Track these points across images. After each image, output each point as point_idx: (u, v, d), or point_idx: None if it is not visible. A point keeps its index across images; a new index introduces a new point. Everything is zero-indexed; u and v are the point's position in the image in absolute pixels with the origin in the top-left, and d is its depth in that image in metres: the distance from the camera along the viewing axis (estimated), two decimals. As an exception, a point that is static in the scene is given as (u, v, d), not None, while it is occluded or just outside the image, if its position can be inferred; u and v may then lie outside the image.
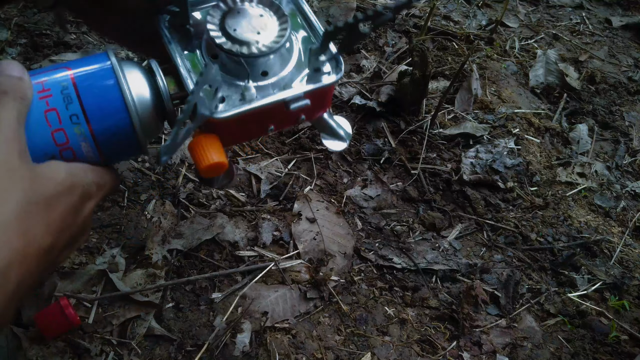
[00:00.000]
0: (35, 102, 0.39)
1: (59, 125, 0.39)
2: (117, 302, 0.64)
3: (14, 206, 0.34)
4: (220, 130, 0.43)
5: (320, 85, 0.44)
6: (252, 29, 0.44)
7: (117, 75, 0.40)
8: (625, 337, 0.67)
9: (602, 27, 1.32)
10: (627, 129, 1.01)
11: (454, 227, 0.77)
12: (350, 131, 0.54)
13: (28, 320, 0.61)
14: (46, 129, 0.39)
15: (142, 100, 0.42)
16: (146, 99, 0.42)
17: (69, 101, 0.39)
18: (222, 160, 0.42)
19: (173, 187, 0.78)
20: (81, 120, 0.39)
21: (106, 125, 0.40)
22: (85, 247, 0.69)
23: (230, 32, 0.44)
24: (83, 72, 0.41)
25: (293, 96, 0.43)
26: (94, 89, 0.40)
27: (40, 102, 0.39)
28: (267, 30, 0.44)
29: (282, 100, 0.43)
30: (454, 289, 0.70)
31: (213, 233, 0.71)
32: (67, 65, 0.42)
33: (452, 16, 1.25)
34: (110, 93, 0.40)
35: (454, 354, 0.63)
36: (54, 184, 0.37)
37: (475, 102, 0.99)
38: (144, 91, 0.42)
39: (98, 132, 0.40)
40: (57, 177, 0.38)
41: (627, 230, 0.82)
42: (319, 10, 1.12)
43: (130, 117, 0.40)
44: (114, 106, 0.40)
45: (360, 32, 0.43)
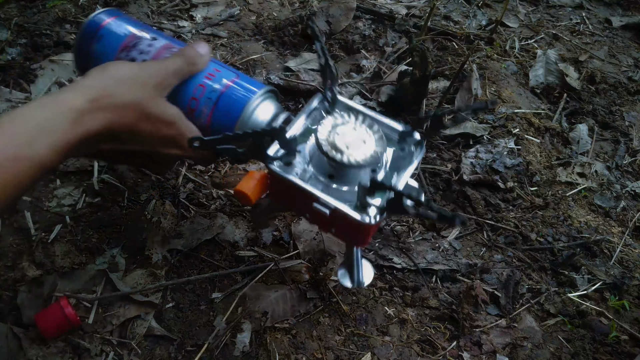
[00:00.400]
0: (200, 75, 0.58)
1: (198, 97, 0.58)
2: (117, 302, 0.64)
3: (129, 96, 0.51)
4: (271, 179, 0.55)
5: (341, 210, 0.50)
6: (351, 143, 0.53)
7: (247, 107, 0.57)
8: (625, 337, 0.67)
9: (602, 27, 1.32)
10: (627, 129, 1.01)
11: (454, 227, 0.77)
12: (367, 282, 0.59)
13: (28, 320, 0.61)
14: (190, 92, 0.57)
15: (244, 124, 0.58)
16: (246, 129, 0.56)
17: (213, 90, 0.57)
18: (248, 193, 0.54)
19: (173, 187, 0.78)
20: (210, 105, 0.57)
21: (219, 120, 0.58)
22: (85, 247, 0.69)
23: (334, 139, 0.53)
24: (237, 86, 0.58)
25: (320, 197, 0.51)
26: (231, 100, 0.57)
27: (202, 77, 0.58)
28: (360, 149, 0.52)
29: (310, 193, 0.51)
30: (454, 289, 0.70)
31: (213, 233, 0.71)
32: (237, 74, 0.60)
33: (452, 16, 1.25)
34: (235, 110, 0.57)
35: (454, 354, 0.63)
36: (162, 109, 0.53)
37: (475, 102, 0.99)
38: (253, 121, 0.58)
39: (214, 117, 0.58)
40: (168, 110, 0.54)
41: (627, 230, 0.82)
42: (319, 10, 1.12)
43: (235, 127, 0.58)
44: (230, 118, 0.58)
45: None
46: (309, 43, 1.09)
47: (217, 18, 1.14)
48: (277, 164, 0.54)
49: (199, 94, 0.57)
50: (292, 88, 0.96)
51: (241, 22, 1.15)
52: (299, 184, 0.52)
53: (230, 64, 1.02)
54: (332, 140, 0.52)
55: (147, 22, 1.10)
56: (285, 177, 0.52)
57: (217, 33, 1.10)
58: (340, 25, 1.12)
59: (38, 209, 0.73)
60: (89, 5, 1.09)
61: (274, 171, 0.53)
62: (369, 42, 1.10)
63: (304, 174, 0.54)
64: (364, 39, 1.10)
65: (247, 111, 0.57)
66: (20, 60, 0.95)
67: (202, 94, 0.57)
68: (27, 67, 0.94)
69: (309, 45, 1.09)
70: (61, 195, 0.76)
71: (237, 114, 0.57)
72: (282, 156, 0.54)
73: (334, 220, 0.52)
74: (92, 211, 0.74)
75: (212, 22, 1.13)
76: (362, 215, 0.50)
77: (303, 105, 0.58)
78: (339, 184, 0.54)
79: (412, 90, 0.87)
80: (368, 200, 0.50)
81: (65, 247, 0.69)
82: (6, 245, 0.68)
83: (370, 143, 0.53)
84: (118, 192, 0.77)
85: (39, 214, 0.73)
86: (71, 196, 0.75)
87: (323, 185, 0.54)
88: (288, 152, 0.54)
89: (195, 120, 0.58)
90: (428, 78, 0.85)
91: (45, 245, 0.69)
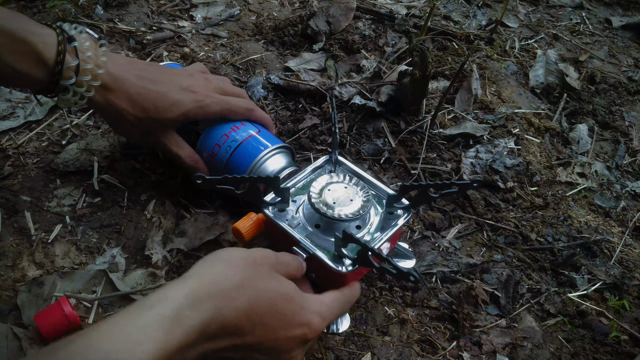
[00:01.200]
0: (227, 126, 0.71)
1: (221, 144, 0.70)
2: (117, 302, 0.64)
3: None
4: (265, 222, 0.62)
5: (318, 256, 0.57)
6: (341, 201, 0.60)
7: (258, 158, 0.68)
8: (625, 337, 0.67)
9: (602, 27, 1.32)
10: (627, 129, 1.01)
11: (453, 226, 0.77)
12: (342, 329, 0.62)
13: (28, 320, 0.61)
14: (215, 139, 0.70)
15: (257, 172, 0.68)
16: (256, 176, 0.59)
17: (234, 140, 0.69)
18: (242, 231, 0.61)
19: (173, 187, 0.78)
20: (229, 152, 0.69)
21: (233, 166, 0.69)
22: (85, 247, 0.69)
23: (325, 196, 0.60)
24: (253, 140, 0.69)
25: (301, 241, 0.58)
26: (245, 151, 0.68)
27: (228, 128, 0.71)
28: (346, 206, 0.59)
29: (293, 236, 0.58)
30: (454, 289, 0.70)
31: (216, 233, 0.71)
32: (260, 129, 0.72)
33: (452, 16, 1.25)
34: (248, 159, 0.68)
35: (454, 354, 0.63)
36: (277, 284, 0.50)
37: (475, 102, 0.99)
38: (262, 170, 0.68)
39: (230, 161, 0.69)
40: (283, 284, 0.51)
41: (627, 230, 0.82)
42: (319, 10, 1.12)
43: (246, 174, 0.67)
44: (242, 165, 0.68)
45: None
46: (309, 43, 1.10)
47: (217, 18, 1.14)
48: (271, 209, 0.61)
49: (222, 141, 0.69)
50: (292, 88, 0.96)
51: (241, 22, 1.15)
52: (284, 228, 0.59)
53: (230, 64, 1.02)
54: (323, 195, 0.60)
55: (147, 22, 1.10)
56: (273, 221, 0.60)
57: (217, 33, 1.10)
58: (340, 25, 1.12)
59: (38, 209, 0.73)
60: (89, 5, 1.10)
61: (266, 215, 0.61)
62: (369, 42, 1.10)
63: (292, 221, 0.61)
64: (364, 39, 1.10)
65: (257, 161, 0.67)
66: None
67: (225, 142, 0.69)
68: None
69: (309, 45, 1.09)
70: (61, 195, 0.76)
71: (249, 162, 0.67)
72: (277, 203, 0.62)
73: (313, 265, 0.58)
74: (92, 211, 0.74)
75: (212, 22, 1.13)
76: (336, 264, 0.56)
77: (307, 166, 0.69)
78: (324, 234, 0.60)
79: (412, 90, 0.87)
80: (344, 251, 0.55)
81: (65, 247, 0.69)
82: (6, 245, 0.68)
83: (357, 202, 0.60)
84: (118, 192, 0.77)
85: (39, 214, 0.73)
86: (71, 196, 0.75)
87: (308, 233, 0.60)
88: (282, 199, 0.61)
89: (216, 163, 0.70)
90: (428, 78, 0.85)
91: (45, 245, 0.69)
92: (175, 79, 0.68)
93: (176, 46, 1.05)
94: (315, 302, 0.52)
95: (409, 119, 0.92)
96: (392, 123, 0.92)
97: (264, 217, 0.62)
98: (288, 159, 0.71)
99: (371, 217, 0.62)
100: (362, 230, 0.61)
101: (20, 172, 0.78)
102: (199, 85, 0.70)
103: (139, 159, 0.81)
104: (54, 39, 0.59)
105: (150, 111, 0.66)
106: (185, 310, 0.40)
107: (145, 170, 0.80)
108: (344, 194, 0.60)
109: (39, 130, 0.85)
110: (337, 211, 0.58)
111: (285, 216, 0.61)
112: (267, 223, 0.62)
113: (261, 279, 0.48)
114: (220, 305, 0.43)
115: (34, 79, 0.59)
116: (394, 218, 0.62)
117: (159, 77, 0.68)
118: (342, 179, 0.62)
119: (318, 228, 0.60)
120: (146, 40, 1.03)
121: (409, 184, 0.59)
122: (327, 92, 0.95)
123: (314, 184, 0.61)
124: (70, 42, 0.60)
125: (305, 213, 0.62)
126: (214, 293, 0.43)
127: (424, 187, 0.58)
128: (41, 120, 0.86)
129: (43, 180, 0.77)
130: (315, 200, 0.59)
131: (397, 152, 0.87)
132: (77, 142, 0.83)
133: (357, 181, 0.63)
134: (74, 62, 0.60)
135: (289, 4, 1.24)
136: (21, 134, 0.84)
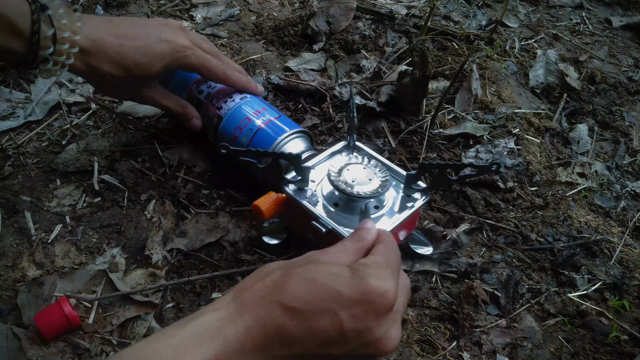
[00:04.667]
0: (250, 110, 0.74)
1: (242, 127, 0.73)
2: (117, 302, 0.64)
3: None
4: (285, 200, 0.64)
5: (336, 231, 0.59)
6: (359, 180, 0.62)
7: (277, 141, 0.70)
8: (625, 337, 0.67)
9: (602, 27, 1.32)
10: (627, 129, 1.01)
11: (459, 225, 0.77)
12: None
13: (28, 320, 0.61)
14: (237, 122, 0.73)
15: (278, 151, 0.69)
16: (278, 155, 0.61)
17: (255, 124, 0.72)
18: (263, 209, 0.62)
19: (173, 187, 0.78)
20: (250, 135, 0.72)
21: (253, 147, 0.64)
22: (85, 247, 0.69)
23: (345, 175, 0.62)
24: (273, 125, 0.72)
25: (320, 217, 0.60)
26: (266, 134, 0.71)
27: (250, 112, 0.74)
28: (364, 185, 0.61)
29: (312, 212, 0.60)
30: (454, 289, 0.70)
31: (217, 236, 0.71)
32: (280, 114, 0.75)
33: (452, 16, 1.25)
34: (267, 142, 0.71)
35: (454, 354, 0.63)
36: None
37: (475, 102, 0.99)
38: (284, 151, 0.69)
39: (250, 145, 0.72)
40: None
41: (627, 230, 0.82)
42: (319, 10, 1.12)
43: (270, 151, 0.66)
44: (262, 148, 0.66)
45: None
46: (309, 43, 1.10)
47: (217, 18, 1.14)
48: (292, 187, 0.63)
49: (244, 125, 0.72)
50: (292, 88, 0.96)
51: (241, 22, 1.15)
52: (304, 204, 0.61)
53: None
54: (342, 174, 0.62)
55: (147, 22, 1.10)
56: (293, 197, 0.62)
57: (217, 33, 1.10)
58: (340, 25, 1.12)
59: (38, 209, 0.73)
60: (89, 5, 1.10)
61: (286, 192, 0.63)
62: (369, 42, 1.10)
63: (312, 199, 0.63)
64: (364, 39, 1.10)
65: (277, 145, 0.70)
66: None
67: (246, 125, 0.72)
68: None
69: (309, 45, 1.09)
70: (61, 195, 0.76)
71: (268, 145, 0.70)
72: (297, 182, 0.63)
73: (331, 241, 0.57)
74: (92, 211, 0.74)
75: (212, 22, 1.13)
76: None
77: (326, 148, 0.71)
78: (342, 212, 0.62)
79: (412, 90, 0.87)
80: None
81: (65, 247, 0.69)
82: (6, 245, 0.68)
83: (375, 181, 0.61)
84: (118, 192, 0.77)
85: (39, 214, 0.73)
86: (71, 196, 0.75)
87: (327, 211, 0.62)
88: (302, 178, 0.63)
89: (237, 145, 0.72)
90: (428, 78, 0.85)
91: (45, 245, 0.69)
92: (153, 32, 0.69)
93: (176, 46, 1.04)
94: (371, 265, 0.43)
95: (409, 119, 0.92)
96: (392, 123, 0.92)
97: (283, 197, 0.64)
98: (307, 143, 0.73)
99: (389, 199, 0.64)
100: (380, 210, 0.63)
101: (20, 172, 0.78)
102: (177, 35, 0.71)
103: (139, 159, 0.81)
104: (27, 9, 0.57)
105: (132, 69, 0.67)
106: (228, 325, 0.38)
107: (145, 170, 0.80)
108: (362, 174, 0.62)
109: (39, 130, 0.85)
110: (356, 189, 0.60)
111: (304, 194, 0.63)
112: (286, 202, 0.64)
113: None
114: (261, 313, 0.38)
115: (12, 51, 0.58)
116: (411, 200, 0.64)
117: (136, 32, 0.68)
118: (361, 161, 0.64)
119: (337, 207, 0.63)
120: (146, 40, 1.03)
121: (427, 163, 0.60)
122: (327, 91, 0.95)
123: (333, 164, 0.63)
124: (44, 11, 0.59)
125: (324, 193, 0.64)
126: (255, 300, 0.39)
127: (442, 167, 0.58)
128: (41, 120, 0.86)
129: (43, 180, 0.77)
130: (334, 179, 0.61)
131: (397, 152, 0.87)
132: (77, 142, 0.83)
133: (376, 163, 0.64)
134: (50, 31, 0.59)
135: (289, 4, 1.24)
136: (21, 134, 0.84)
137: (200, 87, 0.79)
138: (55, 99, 0.89)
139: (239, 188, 0.78)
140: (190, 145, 0.83)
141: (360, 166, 0.63)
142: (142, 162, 0.81)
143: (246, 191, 0.78)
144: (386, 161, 0.68)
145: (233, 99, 0.76)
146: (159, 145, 0.83)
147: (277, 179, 0.63)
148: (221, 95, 0.77)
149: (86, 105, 0.90)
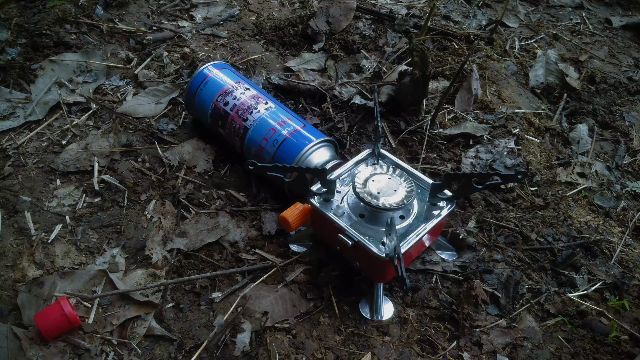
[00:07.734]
0: (274, 121, 0.75)
1: (268, 138, 0.73)
2: (117, 302, 0.64)
3: None
4: (311, 211, 0.65)
5: (363, 243, 0.58)
6: (384, 192, 0.61)
7: (303, 151, 0.71)
8: (625, 337, 0.67)
9: (602, 27, 1.32)
10: (627, 129, 1.01)
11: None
12: (385, 317, 0.65)
13: (28, 320, 0.61)
14: (263, 133, 0.74)
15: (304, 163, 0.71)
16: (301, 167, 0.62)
17: (280, 135, 0.73)
18: (288, 219, 0.65)
19: (173, 187, 0.78)
20: (276, 145, 0.73)
21: (280, 158, 0.71)
22: (85, 247, 0.69)
23: (370, 186, 0.62)
24: (298, 134, 0.73)
25: (346, 229, 0.60)
26: (291, 144, 0.72)
27: (275, 123, 0.75)
28: (390, 196, 0.61)
29: (338, 225, 0.60)
30: (454, 289, 0.70)
31: (217, 236, 0.71)
32: (305, 124, 0.76)
33: (452, 16, 1.25)
34: (293, 153, 0.72)
35: (454, 354, 0.63)
36: None
37: (475, 102, 0.99)
38: (307, 163, 0.71)
39: (277, 155, 0.73)
40: None
41: (627, 230, 0.82)
42: (319, 10, 1.12)
43: (294, 165, 0.65)
44: (288, 158, 0.71)
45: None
46: (309, 43, 1.09)
47: (217, 18, 1.14)
48: (317, 199, 0.64)
49: (269, 135, 0.73)
50: (292, 88, 0.96)
51: (241, 22, 1.15)
52: (330, 216, 0.61)
53: (230, 64, 1.02)
54: (367, 185, 0.61)
55: (147, 22, 1.10)
56: (319, 210, 0.62)
57: (217, 33, 1.10)
58: (340, 25, 1.12)
59: (38, 209, 0.73)
60: (89, 5, 1.10)
61: (312, 204, 0.63)
62: (369, 42, 1.10)
63: (337, 210, 0.63)
64: (364, 39, 1.10)
65: (303, 154, 0.71)
66: (20, 60, 0.95)
67: (272, 136, 0.73)
68: (27, 67, 0.94)
69: (309, 45, 1.09)
70: (61, 195, 0.76)
71: (294, 156, 0.71)
72: (322, 193, 0.64)
73: (358, 253, 0.60)
74: (92, 211, 0.74)
75: (212, 22, 1.13)
76: (381, 251, 0.57)
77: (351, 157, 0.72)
78: (368, 223, 0.62)
79: (412, 90, 0.87)
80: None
81: (65, 247, 0.69)
82: (6, 245, 0.68)
83: (400, 192, 0.61)
84: (118, 192, 0.77)
85: (39, 214, 0.73)
86: (71, 196, 0.75)
87: (353, 222, 0.62)
88: (328, 190, 0.63)
89: (263, 156, 0.74)
90: (428, 78, 0.85)
91: (45, 245, 0.69)
92: None
93: (176, 46, 1.05)
94: None
95: (409, 119, 0.92)
96: (392, 123, 0.92)
97: (309, 207, 0.64)
98: (332, 152, 0.74)
99: (415, 208, 0.64)
100: (406, 220, 0.63)
101: (20, 172, 0.78)
102: None
103: (139, 159, 0.81)
104: None
105: None
106: None
107: (145, 170, 0.80)
108: (388, 185, 0.62)
109: (39, 130, 0.85)
110: (381, 201, 0.60)
111: (330, 206, 0.64)
112: (312, 213, 0.65)
113: None
114: None
115: None
116: (437, 209, 0.64)
117: None
118: (386, 171, 0.64)
119: (362, 217, 0.62)
120: (146, 41, 1.03)
121: (453, 173, 0.60)
122: (327, 91, 0.95)
123: (359, 175, 0.63)
124: None
125: (349, 203, 0.64)
126: None
127: (468, 176, 0.59)
128: (41, 120, 0.86)
129: (43, 180, 0.77)
130: (359, 190, 0.61)
131: (397, 152, 0.87)
132: (77, 142, 0.83)
133: (401, 173, 0.64)
134: None
135: (289, 4, 1.24)
136: (21, 134, 0.84)
137: (225, 98, 0.79)
138: (55, 99, 0.89)
139: (239, 188, 0.78)
140: (190, 145, 0.83)
141: (385, 176, 0.63)
142: (142, 162, 0.81)
143: (246, 191, 0.78)
144: (411, 169, 0.68)
145: (258, 110, 0.76)
146: (159, 145, 0.83)
147: (303, 191, 0.63)
148: (246, 107, 0.77)
149: (86, 105, 0.90)
